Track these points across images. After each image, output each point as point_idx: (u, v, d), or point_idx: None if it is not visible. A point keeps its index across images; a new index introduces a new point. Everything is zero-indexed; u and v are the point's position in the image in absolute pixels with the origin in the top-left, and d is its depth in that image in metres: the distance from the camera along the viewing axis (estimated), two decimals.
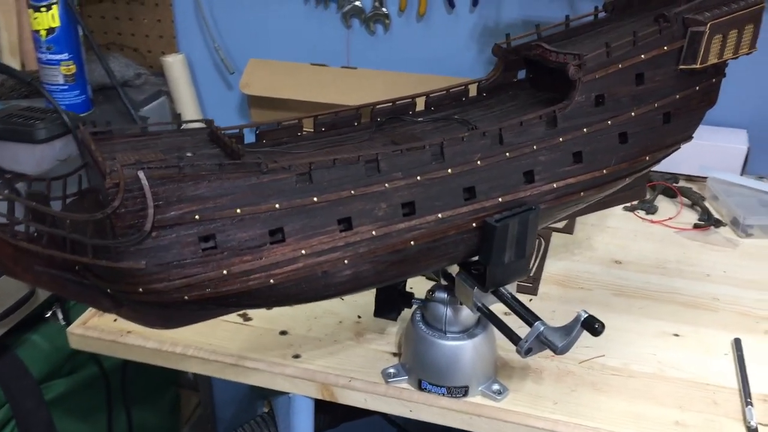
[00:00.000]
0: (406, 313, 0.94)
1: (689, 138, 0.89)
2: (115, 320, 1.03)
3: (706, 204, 1.35)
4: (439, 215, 0.72)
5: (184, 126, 0.76)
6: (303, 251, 0.67)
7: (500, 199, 0.75)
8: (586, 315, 0.73)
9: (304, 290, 0.69)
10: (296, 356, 0.96)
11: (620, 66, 0.80)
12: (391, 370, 0.93)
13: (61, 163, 1.26)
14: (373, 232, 0.69)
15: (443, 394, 0.89)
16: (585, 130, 0.79)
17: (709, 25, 0.83)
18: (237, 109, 1.76)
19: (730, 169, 1.41)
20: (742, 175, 1.43)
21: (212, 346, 0.97)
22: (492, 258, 0.75)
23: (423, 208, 0.71)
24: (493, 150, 0.74)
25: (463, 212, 0.73)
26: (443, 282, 0.88)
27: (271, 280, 0.66)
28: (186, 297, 0.64)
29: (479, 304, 0.81)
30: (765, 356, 0.98)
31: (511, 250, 0.76)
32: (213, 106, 1.76)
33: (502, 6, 1.51)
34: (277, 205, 0.65)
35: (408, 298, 0.92)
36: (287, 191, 0.66)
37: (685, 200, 1.36)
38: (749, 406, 0.88)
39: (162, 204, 0.61)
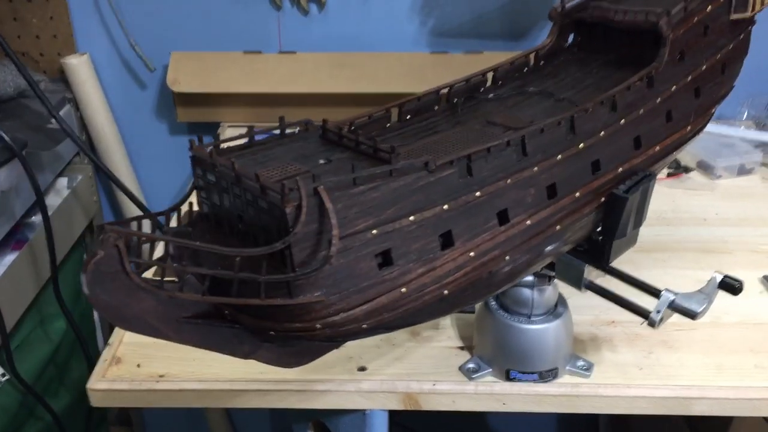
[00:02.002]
0: None
1: (732, 88, 0.90)
2: (138, 366, 0.89)
3: None
4: (576, 194, 0.68)
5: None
6: (471, 253, 0.59)
7: (620, 170, 0.72)
8: (722, 276, 0.71)
9: (467, 297, 0.62)
10: (362, 369, 0.88)
11: (695, 20, 0.79)
12: (471, 365, 0.87)
13: (3, 195, 1.07)
14: (528, 222, 0.63)
15: (535, 381, 0.85)
16: (673, 88, 0.77)
17: None
18: (154, 111, 1.58)
19: None
20: None
21: (265, 374, 0.86)
22: (618, 231, 0.72)
23: (563, 189, 0.66)
24: (611, 118, 0.71)
25: (594, 187, 0.69)
26: None
27: (445, 291, 0.58)
28: (364, 326, 0.55)
29: (588, 282, 0.78)
30: None
31: (632, 221, 0.73)
32: (126, 110, 1.57)
33: None
34: (445, 206, 0.57)
35: None
36: (452, 189, 0.58)
37: None
38: None
39: (342, 223, 0.52)
